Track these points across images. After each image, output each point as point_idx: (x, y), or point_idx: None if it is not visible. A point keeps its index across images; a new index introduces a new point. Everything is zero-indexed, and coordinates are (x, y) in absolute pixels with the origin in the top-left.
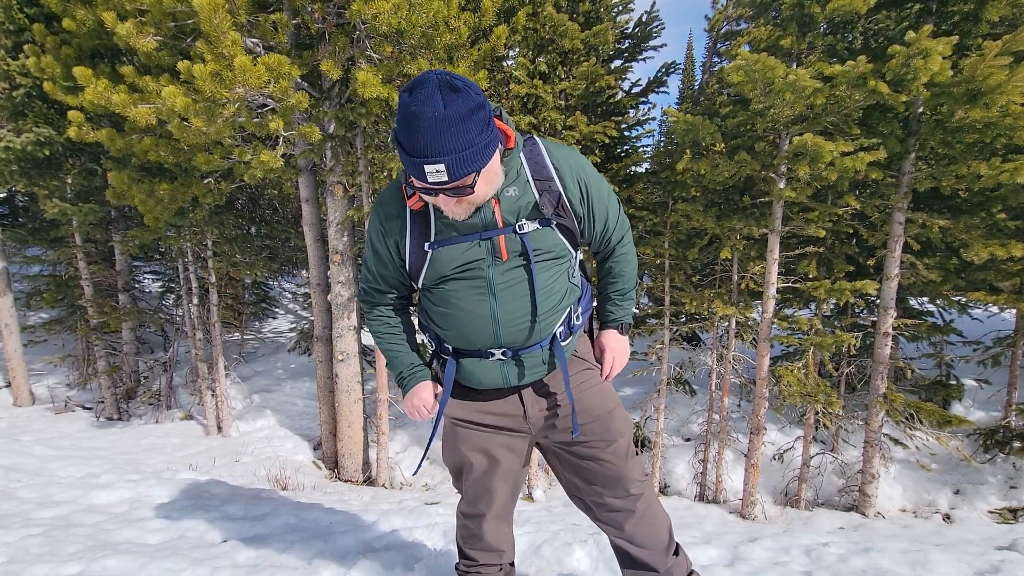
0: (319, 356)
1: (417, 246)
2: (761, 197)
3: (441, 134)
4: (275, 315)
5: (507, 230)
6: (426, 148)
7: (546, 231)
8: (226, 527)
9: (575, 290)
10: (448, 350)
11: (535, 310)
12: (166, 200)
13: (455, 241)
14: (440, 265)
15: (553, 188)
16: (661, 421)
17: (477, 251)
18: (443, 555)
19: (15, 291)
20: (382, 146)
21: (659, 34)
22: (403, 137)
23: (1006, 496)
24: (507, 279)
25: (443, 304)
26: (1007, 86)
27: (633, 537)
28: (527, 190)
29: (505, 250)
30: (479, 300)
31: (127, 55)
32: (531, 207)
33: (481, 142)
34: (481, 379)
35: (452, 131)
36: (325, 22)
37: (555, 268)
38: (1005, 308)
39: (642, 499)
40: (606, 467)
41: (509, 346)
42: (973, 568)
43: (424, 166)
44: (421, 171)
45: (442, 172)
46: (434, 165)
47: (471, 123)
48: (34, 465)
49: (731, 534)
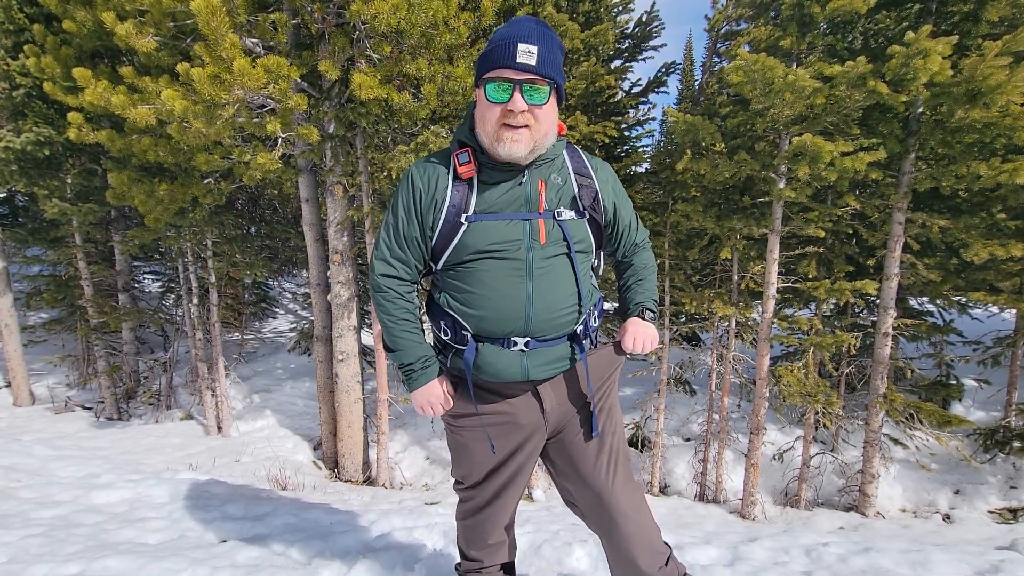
0: (319, 356)
1: (453, 215)
2: (761, 197)
3: (536, 29)
4: (275, 315)
5: (547, 215)
6: (521, 32)
7: (580, 223)
8: (226, 527)
9: (595, 292)
10: (466, 338)
11: (579, 297)
12: (166, 200)
13: (494, 217)
14: (475, 239)
15: (591, 185)
16: (661, 421)
17: (515, 231)
18: (443, 555)
19: (15, 291)
20: (382, 146)
21: (659, 34)
22: (495, 35)
23: (1006, 496)
24: (545, 265)
25: (474, 284)
26: (1007, 86)
27: (624, 542)
28: (569, 181)
29: (544, 234)
30: (516, 282)
31: (127, 56)
32: (571, 198)
33: (561, 63)
34: (499, 369)
35: (546, 33)
36: (325, 22)
37: (585, 262)
38: (1005, 308)
39: (633, 502)
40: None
41: (535, 335)
42: (973, 568)
43: (518, 44)
44: (511, 50)
45: (532, 54)
46: (528, 45)
47: (559, 42)
48: (34, 465)
49: (731, 534)
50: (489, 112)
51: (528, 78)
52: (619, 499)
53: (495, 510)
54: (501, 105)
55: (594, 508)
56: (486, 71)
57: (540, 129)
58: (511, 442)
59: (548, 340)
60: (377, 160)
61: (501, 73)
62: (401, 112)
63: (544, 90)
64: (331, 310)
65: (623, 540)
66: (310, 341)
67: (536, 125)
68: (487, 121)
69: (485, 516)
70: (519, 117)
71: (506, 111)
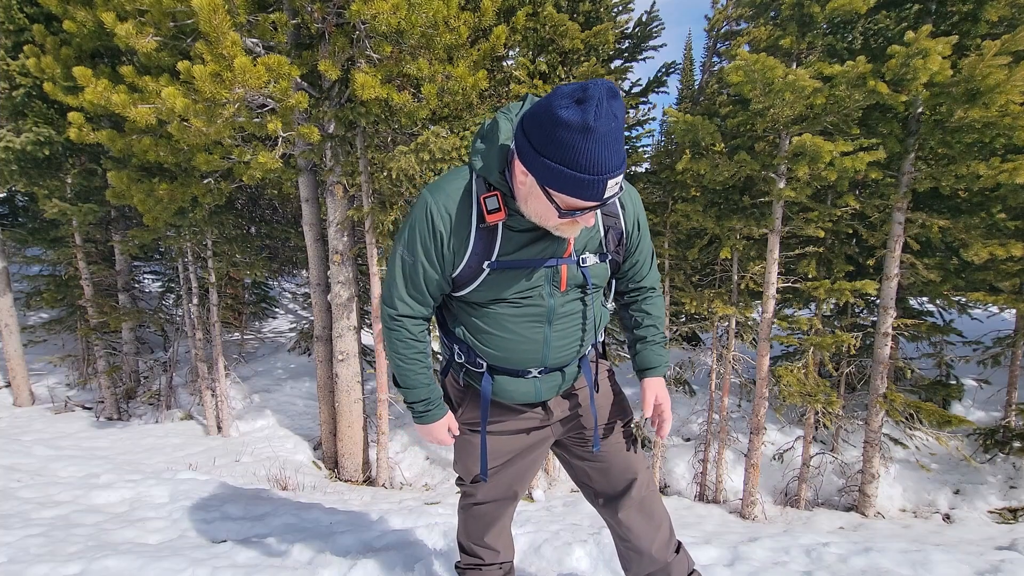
0: (319, 356)
1: (476, 261)
2: (761, 197)
3: (620, 144)
4: (275, 315)
5: (570, 260)
6: (611, 163)
7: (602, 265)
8: (226, 527)
9: (606, 313)
10: (481, 365)
11: (584, 336)
12: (166, 200)
13: (517, 265)
14: (497, 287)
15: (617, 225)
16: None
17: (538, 279)
18: (443, 555)
19: (15, 291)
20: (382, 146)
21: (659, 34)
22: (578, 157)
23: (1006, 496)
24: (564, 310)
25: (490, 325)
26: (1006, 86)
27: (635, 526)
28: (597, 225)
29: (565, 281)
30: (535, 327)
31: (127, 55)
32: (598, 242)
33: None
34: (514, 395)
35: (622, 137)
36: (325, 22)
37: (598, 296)
38: (1005, 308)
39: (646, 486)
40: (610, 454)
41: (551, 367)
42: (973, 568)
43: (609, 181)
44: (601, 188)
45: (619, 183)
46: (616, 178)
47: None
48: (34, 465)
49: (731, 534)
50: (549, 210)
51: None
52: (640, 480)
53: (495, 509)
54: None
55: (612, 488)
56: (559, 190)
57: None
58: (515, 447)
59: (560, 368)
60: (377, 160)
61: (584, 204)
62: (401, 112)
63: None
64: (331, 310)
65: (638, 521)
66: (310, 341)
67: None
68: (548, 220)
69: (484, 512)
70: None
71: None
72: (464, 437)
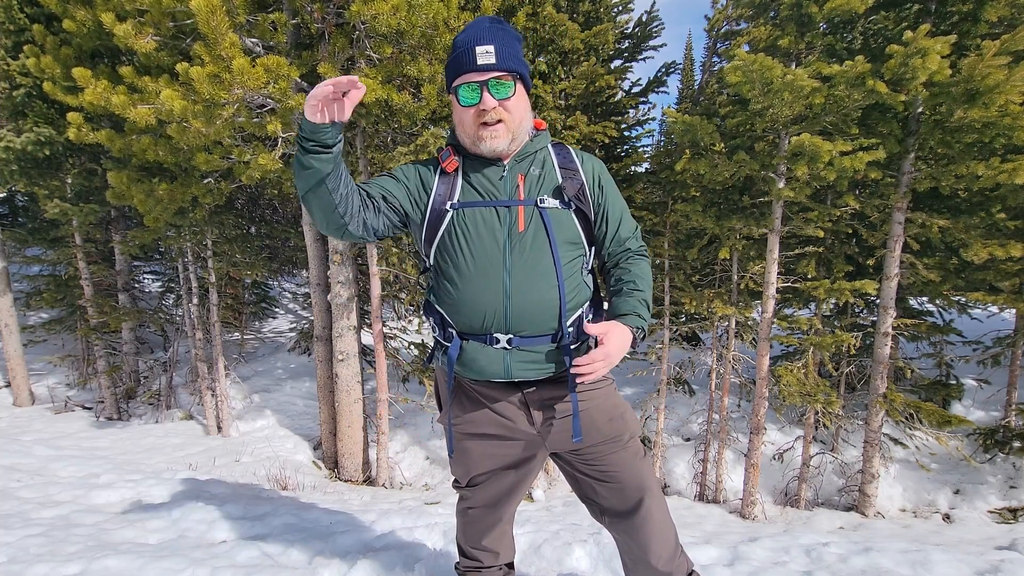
0: (319, 356)
1: (440, 202)
2: (760, 197)
3: (490, 29)
4: (275, 315)
5: (528, 202)
6: (477, 35)
7: (566, 213)
8: (226, 527)
9: (586, 289)
10: (451, 335)
11: (560, 294)
12: (165, 200)
13: (477, 204)
14: (458, 229)
15: (577, 177)
16: (661, 421)
17: (494, 219)
18: (443, 555)
19: (15, 291)
20: (382, 146)
21: (659, 34)
22: (455, 42)
23: (1006, 496)
24: (525, 257)
25: (455, 277)
26: (1005, 85)
27: (647, 542)
28: (552, 173)
29: (523, 221)
30: (493, 274)
31: (127, 56)
32: (554, 188)
33: (521, 52)
34: (483, 366)
35: (500, 30)
36: (325, 22)
37: (571, 255)
38: (1005, 308)
39: (656, 502)
40: (620, 471)
41: (516, 331)
42: (973, 568)
43: (476, 47)
44: (471, 55)
45: (491, 54)
46: (484, 47)
47: (514, 34)
48: (34, 465)
49: (731, 534)
50: (465, 116)
51: (491, 76)
52: (651, 497)
53: (490, 513)
54: (474, 107)
55: (622, 505)
56: (454, 78)
57: (514, 120)
58: (505, 454)
59: (530, 337)
60: (377, 160)
61: (467, 78)
62: (401, 112)
63: (509, 83)
64: (331, 310)
65: (642, 526)
66: (310, 341)
67: (509, 117)
68: (465, 124)
69: (480, 517)
70: (492, 114)
71: (479, 111)
72: (457, 444)
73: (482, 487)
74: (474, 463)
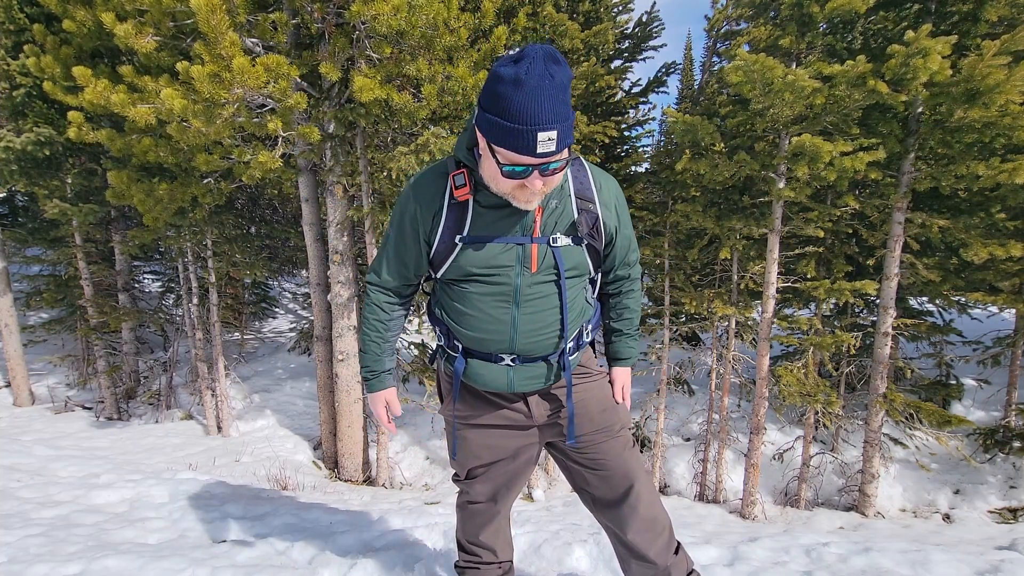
0: (319, 356)
1: (448, 236)
2: (761, 197)
3: (554, 101)
4: (275, 315)
5: (541, 240)
6: (540, 115)
7: (576, 249)
8: (226, 527)
9: (589, 308)
10: (457, 347)
11: (562, 326)
12: (166, 200)
13: (488, 240)
14: (467, 262)
15: (592, 210)
16: (661, 421)
17: (507, 256)
18: (443, 555)
19: (15, 291)
20: (382, 146)
21: (659, 34)
22: (510, 106)
23: (1006, 496)
24: (533, 291)
25: (463, 304)
26: (1005, 85)
27: (635, 532)
28: (568, 206)
29: (536, 261)
30: (501, 307)
31: (127, 55)
32: (569, 223)
33: (572, 115)
34: (486, 381)
35: (561, 99)
36: (325, 22)
37: (577, 285)
38: (1005, 308)
39: (646, 491)
40: (609, 460)
41: (521, 355)
42: (973, 568)
43: (538, 134)
44: (532, 140)
45: (553, 141)
46: (548, 132)
47: (567, 97)
48: (34, 465)
49: (731, 534)
50: (501, 177)
51: (546, 161)
52: (639, 486)
53: (490, 508)
54: (517, 178)
55: (611, 493)
56: (501, 145)
57: (553, 182)
58: (504, 446)
59: (533, 360)
60: (377, 160)
61: (521, 160)
62: (401, 112)
63: (560, 159)
64: (331, 310)
65: (630, 514)
66: (310, 341)
67: (550, 181)
68: (499, 183)
69: (480, 510)
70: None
71: (522, 184)
72: (457, 433)
73: (481, 479)
74: (474, 454)
